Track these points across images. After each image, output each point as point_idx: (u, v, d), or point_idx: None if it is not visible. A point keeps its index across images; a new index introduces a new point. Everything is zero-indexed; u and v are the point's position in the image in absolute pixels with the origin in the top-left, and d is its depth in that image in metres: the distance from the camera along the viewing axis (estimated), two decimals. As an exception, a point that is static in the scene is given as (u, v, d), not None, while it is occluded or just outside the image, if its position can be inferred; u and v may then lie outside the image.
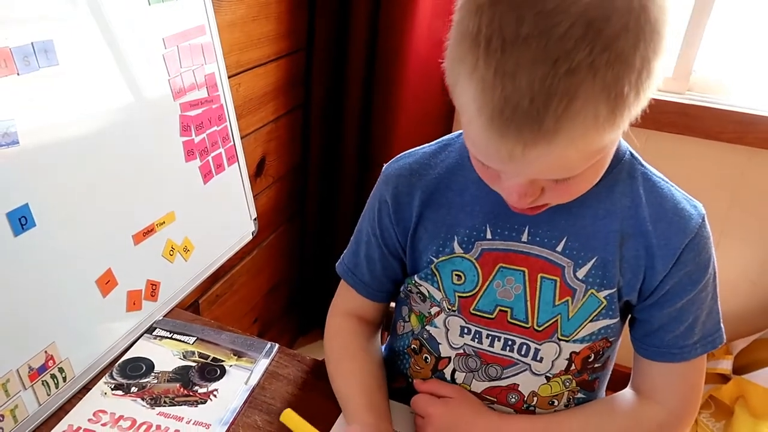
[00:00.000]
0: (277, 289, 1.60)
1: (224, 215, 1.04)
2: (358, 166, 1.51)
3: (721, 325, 0.69)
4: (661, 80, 0.51)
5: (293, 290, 1.70)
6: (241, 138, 1.07)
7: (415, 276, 0.73)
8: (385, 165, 0.76)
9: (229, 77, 1.03)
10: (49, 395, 0.72)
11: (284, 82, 1.38)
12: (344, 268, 0.80)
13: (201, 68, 0.94)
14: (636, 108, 0.50)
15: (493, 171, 0.57)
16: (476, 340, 0.71)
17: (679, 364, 0.68)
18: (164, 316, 0.89)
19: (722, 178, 1.44)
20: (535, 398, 0.71)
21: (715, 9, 1.35)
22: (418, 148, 0.75)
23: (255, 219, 1.12)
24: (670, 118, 1.39)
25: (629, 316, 0.71)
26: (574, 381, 0.71)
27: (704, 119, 1.38)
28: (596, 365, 0.71)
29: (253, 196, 1.13)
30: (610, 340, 0.69)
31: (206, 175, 0.97)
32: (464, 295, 0.70)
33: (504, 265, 0.67)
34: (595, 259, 0.65)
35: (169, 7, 0.87)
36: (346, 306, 0.81)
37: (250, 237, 1.11)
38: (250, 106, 1.27)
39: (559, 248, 0.66)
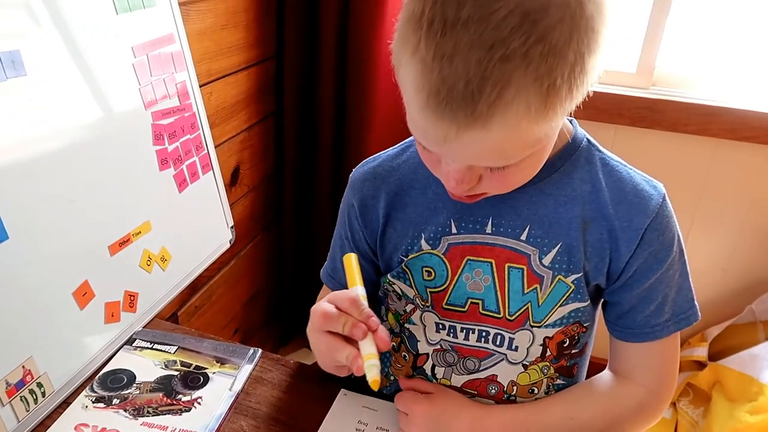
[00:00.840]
0: (256, 298, 1.59)
1: (201, 223, 1.03)
2: (333, 172, 1.51)
3: (695, 302, 0.70)
4: (596, 77, 0.52)
5: (272, 300, 1.69)
6: (215, 147, 1.06)
7: (389, 275, 0.74)
8: (351, 173, 0.77)
9: (200, 86, 1.03)
10: (28, 411, 0.71)
11: (256, 90, 1.37)
12: (325, 273, 0.82)
13: (171, 77, 0.94)
14: (569, 102, 0.51)
15: (434, 156, 0.58)
16: (451, 334, 0.71)
17: (653, 342, 0.69)
18: (144, 327, 0.88)
19: (689, 169, 1.48)
20: (515, 387, 0.72)
21: (675, 4, 1.39)
22: (381, 152, 0.76)
23: (232, 227, 1.11)
24: (637, 113, 1.43)
25: (601, 300, 0.73)
26: (552, 368, 0.72)
27: (669, 113, 1.41)
28: (573, 351, 0.72)
29: (229, 206, 1.12)
30: (585, 325, 0.70)
31: (181, 184, 0.96)
32: (435, 290, 0.71)
33: (471, 257, 0.68)
34: (559, 245, 0.66)
35: (137, 16, 0.86)
36: None
37: (228, 245, 1.11)
38: (223, 115, 1.26)
39: (523, 237, 0.67)
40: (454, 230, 0.69)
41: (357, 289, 0.64)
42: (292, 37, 1.39)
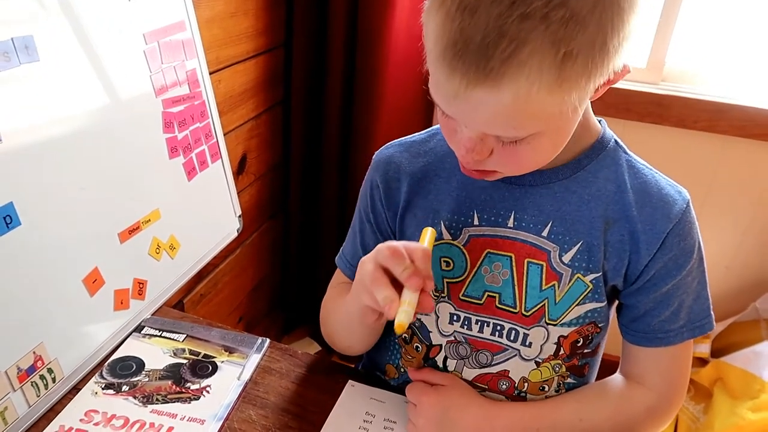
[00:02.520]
0: (261, 287, 1.60)
1: (209, 212, 1.03)
2: (339, 161, 1.51)
3: (711, 312, 0.70)
4: (618, 64, 0.52)
5: (277, 288, 1.69)
6: (223, 135, 1.06)
7: None
8: (375, 154, 0.77)
9: (209, 74, 1.02)
10: (38, 396, 0.71)
11: (264, 78, 1.37)
12: (342, 260, 0.81)
13: (182, 64, 0.93)
14: (585, 80, 0.50)
15: (452, 124, 0.58)
16: (465, 326, 0.71)
17: (666, 348, 0.69)
18: (152, 315, 0.88)
19: (697, 165, 1.48)
20: (526, 384, 0.72)
21: (686, 0, 1.38)
22: (407, 136, 0.76)
23: (240, 216, 1.11)
24: (645, 108, 1.42)
25: (616, 302, 0.73)
26: (563, 366, 0.72)
27: (678, 108, 1.41)
28: (586, 350, 0.72)
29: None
30: (599, 325, 0.70)
31: (190, 172, 0.96)
32: (453, 280, 0.70)
33: (491, 250, 0.68)
34: (580, 243, 0.66)
35: (149, 3, 0.86)
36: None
37: (236, 233, 1.11)
38: (231, 103, 1.26)
39: (545, 233, 0.67)
40: (476, 222, 0.69)
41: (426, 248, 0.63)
42: (301, 25, 1.38)
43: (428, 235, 0.64)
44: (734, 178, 1.47)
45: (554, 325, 0.69)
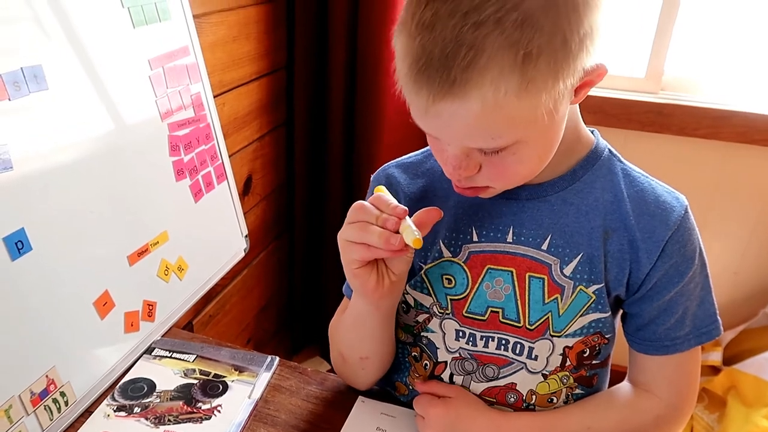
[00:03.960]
0: (269, 307, 1.60)
1: (216, 233, 1.04)
2: (343, 180, 1.52)
3: (717, 317, 0.69)
4: (589, 61, 0.53)
5: (284, 309, 1.70)
6: (228, 157, 1.07)
7: (407, 285, 0.73)
8: (372, 175, 0.77)
9: (213, 97, 1.04)
10: (51, 420, 0.71)
11: (267, 100, 1.39)
12: (348, 288, 0.79)
13: (187, 88, 0.95)
14: (554, 80, 0.51)
15: (438, 143, 0.60)
16: (471, 342, 0.71)
17: (673, 356, 0.68)
18: (162, 336, 0.89)
19: (700, 173, 1.48)
20: (534, 396, 0.72)
21: (682, 9, 1.40)
22: (404, 156, 0.77)
23: (246, 236, 1.12)
24: (647, 118, 1.43)
25: (621, 311, 0.72)
26: (571, 377, 0.71)
27: (679, 117, 1.42)
28: (594, 361, 0.71)
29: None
30: (606, 336, 0.70)
31: (197, 194, 0.97)
32: (455, 297, 0.70)
33: (492, 266, 0.68)
34: (580, 255, 0.66)
35: (153, 30, 0.88)
36: None
37: (243, 254, 1.11)
38: (235, 125, 1.28)
39: (544, 246, 0.67)
40: (475, 238, 0.69)
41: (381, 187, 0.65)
42: (303, 47, 1.40)
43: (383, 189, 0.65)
44: (738, 184, 1.47)
45: (559, 336, 0.69)
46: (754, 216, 1.49)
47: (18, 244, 0.68)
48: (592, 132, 0.70)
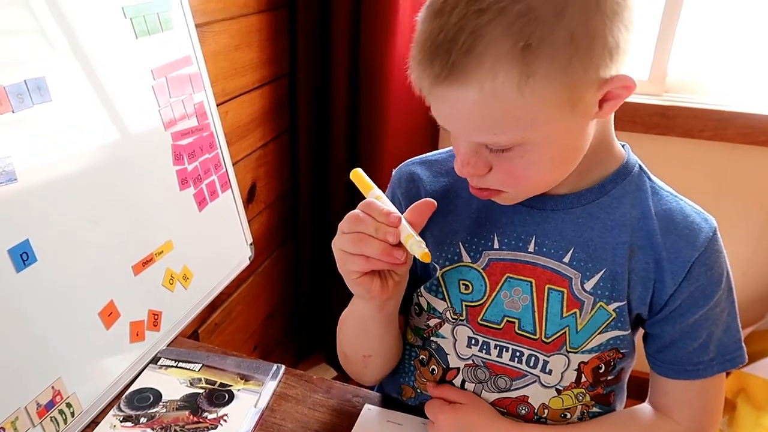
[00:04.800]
0: (275, 315, 1.60)
1: (221, 241, 1.04)
2: (347, 186, 1.52)
3: (742, 344, 0.68)
4: (600, 73, 0.52)
5: (290, 315, 1.70)
6: (232, 165, 1.08)
7: (421, 288, 0.72)
8: (395, 170, 0.76)
9: (216, 106, 1.04)
10: (58, 431, 0.71)
11: (270, 108, 1.39)
12: None
13: (190, 98, 0.95)
14: (558, 75, 0.51)
15: (455, 142, 0.61)
16: (484, 350, 0.70)
17: (696, 381, 0.67)
18: (168, 345, 0.89)
19: (706, 175, 1.48)
20: (546, 410, 0.70)
21: (685, 10, 1.40)
22: (428, 154, 0.76)
23: (251, 244, 1.12)
24: (651, 120, 1.43)
25: (641, 330, 0.71)
26: (587, 395, 0.70)
27: (683, 119, 1.41)
28: (609, 377, 0.70)
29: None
30: (622, 351, 0.68)
31: (201, 203, 0.98)
32: (471, 304, 0.69)
33: (511, 275, 0.67)
34: (603, 270, 0.64)
35: (156, 40, 0.88)
36: None
37: (248, 262, 1.11)
38: (238, 134, 1.28)
39: (566, 259, 0.65)
40: (496, 245, 0.68)
41: (373, 192, 0.64)
42: (305, 54, 1.40)
43: (360, 172, 0.65)
44: (743, 185, 1.46)
45: (575, 352, 0.67)
46: (762, 217, 1.48)
47: (23, 256, 0.68)
48: (623, 146, 0.68)
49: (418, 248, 0.57)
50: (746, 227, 1.50)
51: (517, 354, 0.69)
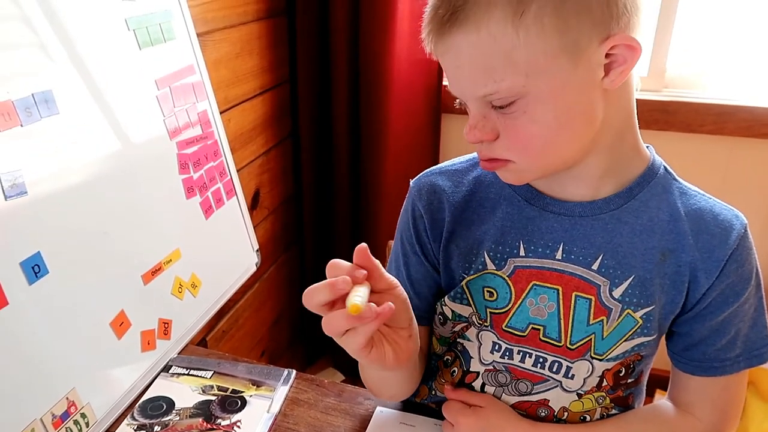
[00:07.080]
0: (282, 320, 1.60)
1: (228, 248, 1.05)
2: (350, 190, 1.53)
3: None
4: (600, 28, 0.53)
5: (297, 321, 1.70)
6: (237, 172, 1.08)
7: (446, 297, 0.71)
8: (412, 180, 0.74)
9: (219, 113, 1.05)
10: (73, 442, 0.72)
11: (272, 114, 1.40)
12: None
13: (193, 106, 0.96)
14: (556, 25, 0.52)
15: (467, 108, 0.60)
16: (507, 356, 0.69)
17: (720, 378, 0.66)
18: (179, 354, 0.89)
19: (707, 169, 1.48)
20: (566, 413, 0.70)
21: (682, 4, 1.40)
22: (447, 163, 0.74)
23: (257, 250, 1.12)
24: (651, 116, 1.43)
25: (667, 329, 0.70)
26: (607, 398, 0.70)
27: (684, 114, 1.42)
28: (629, 380, 0.69)
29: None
30: (642, 354, 0.68)
31: (207, 211, 0.98)
32: (496, 311, 0.68)
33: (537, 282, 0.66)
34: (632, 277, 0.63)
35: (159, 50, 0.89)
36: None
37: (255, 268, 1.12)
38: (242, 140, 1.29)
39: (595, 266, 0.64)
40: (522, 252, 0.66)
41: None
42: (305, 60, 1.41)
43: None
44: (745, 178, 1.46)
45: (600, 360, 0.66)
46: (764, 210, 1.49)
47: (35, 268, 0.68)
48: (647, 148, 0.67)
49: (349, 302, 0.52)
50: (750, 221, 1.50)
51: (540, 360, 0.68)
